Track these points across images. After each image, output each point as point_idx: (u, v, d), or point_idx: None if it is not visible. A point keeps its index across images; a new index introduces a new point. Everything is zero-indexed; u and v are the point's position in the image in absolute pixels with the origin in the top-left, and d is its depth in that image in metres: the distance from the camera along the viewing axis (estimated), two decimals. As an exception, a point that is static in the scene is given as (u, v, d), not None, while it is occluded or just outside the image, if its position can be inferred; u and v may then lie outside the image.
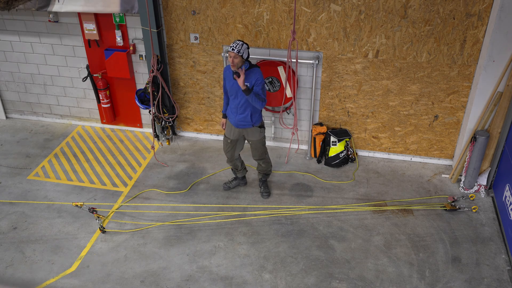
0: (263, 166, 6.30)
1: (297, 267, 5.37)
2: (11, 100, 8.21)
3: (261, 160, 6.23)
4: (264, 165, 6.29)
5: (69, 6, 6.73)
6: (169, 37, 6.92)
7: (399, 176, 6.79)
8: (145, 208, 6.27)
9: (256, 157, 6.20)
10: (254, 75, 5.55)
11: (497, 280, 5.19)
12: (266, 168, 6.33)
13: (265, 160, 6.26)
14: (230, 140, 6.02)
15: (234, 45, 5.36)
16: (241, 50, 5.35)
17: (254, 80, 5.55)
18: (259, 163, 6.30)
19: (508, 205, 5.67)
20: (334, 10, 6.16)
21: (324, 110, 6.99)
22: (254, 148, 6.10)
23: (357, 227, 5.89)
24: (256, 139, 5.97)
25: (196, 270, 5.37)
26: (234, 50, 5.34)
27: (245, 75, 5.51)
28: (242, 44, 5.38)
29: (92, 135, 7.86)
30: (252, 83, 5.55)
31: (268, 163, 6.32)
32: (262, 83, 5.59)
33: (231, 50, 5.35)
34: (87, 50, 7.32)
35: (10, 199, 6.43)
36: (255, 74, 5.55)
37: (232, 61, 5.39)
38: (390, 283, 5.16)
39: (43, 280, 5.26)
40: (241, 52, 5.35)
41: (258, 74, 5.57)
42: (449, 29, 5.98)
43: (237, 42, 5.40)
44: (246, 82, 5.55)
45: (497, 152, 6.22)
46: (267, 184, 6.53)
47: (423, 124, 6.77)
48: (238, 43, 5.38)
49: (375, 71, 6.50)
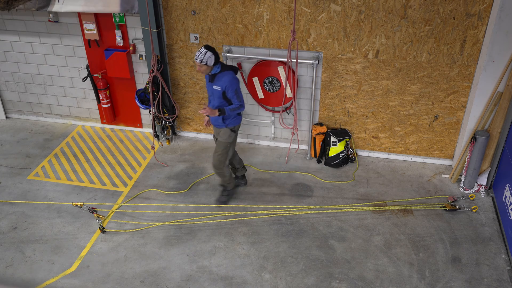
0: (219, 178, 6.02)
1: (297, 267, 5.37)
2: (11, 100, 8.21)
3: (217, 170, 5.95)
4: (220, 177, 6.03)
5: (69, 6, 6.73)
6: (169, 37, 6.92)
7: (399, 176, 6.79)
8: (145, 208, 6.27)
9: (213, 160, 5.93)
10: (225, 79, 5.46)
11: (497, 280, 5.19)
12: (221, 181, 6.13)
13: (221, 173, 5.97)
14: (216, 138, 6.03)
15: (198, 53, 5.35)
16: (204, 59, 5.33)
17: (224, 85, 5.46)
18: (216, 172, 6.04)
19: (508, 205, 5.67)
20: (334, 10, 6.16)
21: (324, 110, 6.99)
22: (215, 150, 5.91)
23: (357, 227, 5.89)
24: (221, 139, 5.82)
25: (196, 270, 5.37)
26: (197, 59, 5.36)
27: (215, 78, 5.51)
28: (206, 53, 5.33)
29: (92, 135, 7.86)
30: (223, 87, 5.48)
31: (225, 177, 6.03)
32: (234, 88, 5.47)
33: (195, 59, 5.38)
34: (87, 50, 7.32)
35: (10, 199, 6.43)
36: (226, 78, 5.46)
37: (198, 69, 5.43)
38: (390, 283, 5.16)
39: (43, 280, 5.26)
40: (204, 61, 5.34)
41: (230, 78, 5.46)
42: (449, 29, 5.98)
43: (201, 50, 5.35)
44: (217, 85, 5.51)
45: (497, 152, 6.22)
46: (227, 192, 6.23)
47: (423, 124, 6.77)
48: (202, 51, 5.34)
49: (375, 71, 6.50)
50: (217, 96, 5.59)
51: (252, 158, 7.22)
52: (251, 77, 6.83)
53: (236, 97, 5.53)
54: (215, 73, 5.49)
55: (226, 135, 5.77)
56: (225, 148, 5.84)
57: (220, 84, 5.49)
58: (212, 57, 5.37)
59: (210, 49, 5.37)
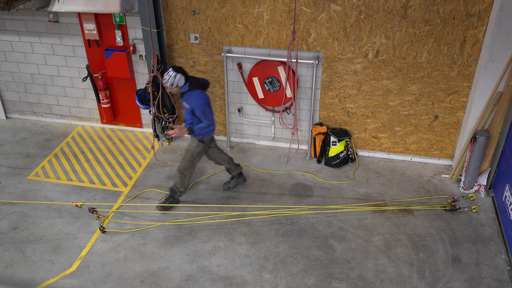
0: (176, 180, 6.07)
1: (297, 267, 5.37)
2: (11, 100, 8.21)
3: (180, 174, 5.99)
4: (178, 179, 6.05)
5: (69, 6, 6.73)
6: (169, 37, 6.92)
7: (399, 176, 6.79)
8: (145, 208, 6.27)
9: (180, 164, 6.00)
10: (192, 100, 5.58)
11: (497, 280, 5.19)
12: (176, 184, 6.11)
13: (182, 177, 6.02)
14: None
15: (167, 77, 5.45)
16: (174, 82, 5.46)
17: (192, 105, 5.59)
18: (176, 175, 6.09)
19: (508, 205, 5.67)
20: (334, 10, 6.16)
21: (324, 110, 6.99)
22: (183, 156, 5.98)
23: (357, 227, 5.89)
24: (190, 148, 5.90)
25: (196, 270, 5.37)
26: (167, 83, 5.48)
27: (184, 97, 5.63)
28: (175, 76, 5.43)
29: (92, 135, 7.86)
30: (191, 107, 5.60)
31: (183, 183, 6.06)
32: (201, 107, 5.56)
33: (164, 83, 5.50)
34: (87, 50, 7.32)
35: (10, 199, 6.43)
36: (193, 99, 5.57)
37: (169, 91, 5.60)
38: (390, 283, 5.16)
39: (43, 280, 5.26)
40: (174, 84, 5.47)
41: (196, 99, 5.57)
42: (449, 29, 5.98)
43: (170, 73, 5.45)
44: (186, 103, 5.64)
45: (497, 152, 6.22)
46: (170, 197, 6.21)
47: (423, 124, 6.77)
48: (171, 75, 5.44)
49: (375, 71, 6.50)
50: (187, 112, 5.73)
51: (252, 158, 7.22)
52: (251, 77, 6.83)
53: (204, 117, 5.61)
54: (184, 91, 5.63)
55: (194, 145, 5.87)
56: (191, 156, 5.93)
57: (188, 102, 5.64)
58: (182, 78, 5.51)
59: (178, 71, 5.48)
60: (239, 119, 7.41)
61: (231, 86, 7.11)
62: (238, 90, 7.13)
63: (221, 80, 7.07)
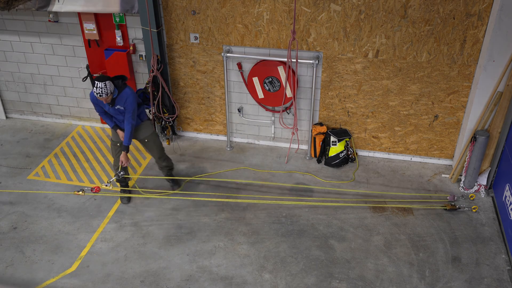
0: (164, 164, 6.34)
1: (297, 267, 5.37)
2: (11, 100, 8.21)
3: (164, 159, 6.29)
4: (164, 163, 6.33)
5: (69, 6, 6.73)
6: (169, 37, 6.92)
7: (399, 176, 6.79)
8: (145, 208, 6.27)
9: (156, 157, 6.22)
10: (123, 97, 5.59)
11: (497, 280, 5.19)
12: (168, 164, 6.40)
13: (166, 159, 6.33)
14: (119, 143, 6.04)
15: (99, 90, 5.37)
16: (109, 91, 5.42)
17: (123, 102, 5.61)
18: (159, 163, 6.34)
19: (508, 205, 5.67)
20: (334, 10, 6.16)
21: (324, 110, 6.99)
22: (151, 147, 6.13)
23: (357, 227, 5.89)
24: (149, 133, 6.02)
25: (196, 270, 5.37)
26: (102, 95, 5.41)
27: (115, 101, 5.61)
28: (105, 85, 5.37)
29: (92, 135, 7.86)
30: (122, 105, 5.63)
31: (169, 160, 6.42)
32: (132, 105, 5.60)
33: (99, 97, 5.42)
34: (87, 50, 7.32)
35: (10, 199, 6.43)
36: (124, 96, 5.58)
37: (105, 101, 5.53)
38: (390, 283, 5.16)
39: (43, 280, 5.26)
40: (109, 93, 5.43)
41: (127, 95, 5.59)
42: (449, 29, 5.98)
43: (99, 86, 5.36)
44: (118, 105, 5.65)
45: (497, 152, 6.22)
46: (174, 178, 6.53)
47: (423, 124, 6.77)
48: (101, 86, 5.37)
49: (375, 71, 6.50)
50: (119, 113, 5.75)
51: (252, 158, 7.22)
52: (251, 77, 6.83)
53: (132, 116, 5.68)
54: (115, 96, 5.61)
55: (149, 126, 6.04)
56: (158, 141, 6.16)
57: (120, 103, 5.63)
58: (112, 84, 5.48)
59: (104, 79, 5.40)
60: (239, 119, 7.41)
61: (231, 86, 7.11)
62: (238, 90, 7.13)
63: (221, 80, 7.07)
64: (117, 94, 5.59)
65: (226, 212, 6.16)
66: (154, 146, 6.15)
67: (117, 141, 6.03)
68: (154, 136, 6.13)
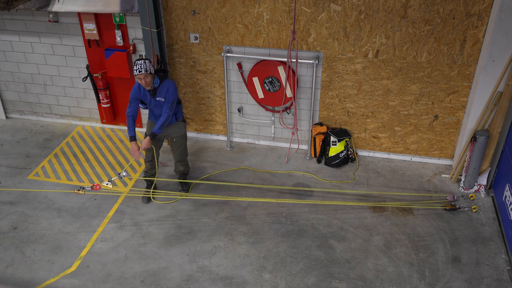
0: (181, 168, 6.39)
1: (297, 267, 5.37)
2: (11, 100, 8.21)
3: (183, 162, 6.34)
4: (182, 167, 6.38)
5: (69, 6, 6.73)
6: (169, 37, 6.92)
7: (399, 176, 6.79)
8: (145, 208, 6.27)
9: (177, 158, 6.28)
10: (165, 87, 5.63)
11: (497, 280, 5.19)
12: (184, 170, 6.44)
13: (185, 164, 6.40)
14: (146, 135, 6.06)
15: (138, 66, 5.36)
16: (148, 68, 5.39)
17: (164, 93, 5.64)
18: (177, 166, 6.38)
19: (508, 205, 5.67)
20: (334, 10, 6.16)
21: (324, 110, 6.99)
22: (176, 148, 6.16)
23: (357, 227, 5.89)
24: (180, 134, 6.06)
25: (196, 270, 5.37)
26: (141, 71, 5.37)
27: (157, 92, 5.65)
28: (145, 61, 5.38)
29: (92, 135, 7.86)
30: (163, 96, 5.66)
31: (187, 164, 6.44)
32: (173, 96, 5.64)
33: (139, 73, 5.38)
34: (87, 50, 7.32)
35: (10, 199, 6.43)
36: (166, 86, 5.63)
37: (144, 82, 5.48)
38: (390, 283, 5.17)
39: (43, 280, 5.26)
40: (148, 70, 5.40)
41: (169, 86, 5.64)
42: (449, 29, 5.98)
43: (139, 62, 5.37)
44: (159, 96, 5.67)
45: (497, 152, 6.22)
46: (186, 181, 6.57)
47: (423, 124, 6.77)
48: (140, 62, 5.37)
49: (375, 71, 6.50)
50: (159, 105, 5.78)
51: (252, 158, 7.22)
52: (251, 77, 6.83)
53: (170, 107, 5.71)
54: (157, 86, 5.63)
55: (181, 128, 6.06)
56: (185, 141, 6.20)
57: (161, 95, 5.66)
58: (151, 65, 5.47)
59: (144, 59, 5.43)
60: (239, 119, 7.41)
61: (231, 86, 7.11)
62: (238, 90, 7.13)
63: (221, 80, 7.08)
64: (159, 84, 5.61)
65: (226, 212, 6.16)
66: (179, 147, 6.17)
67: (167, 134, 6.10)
68: (183, 139, 6.15)
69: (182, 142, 6.15)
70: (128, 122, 5.85)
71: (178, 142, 6.13)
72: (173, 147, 6.21)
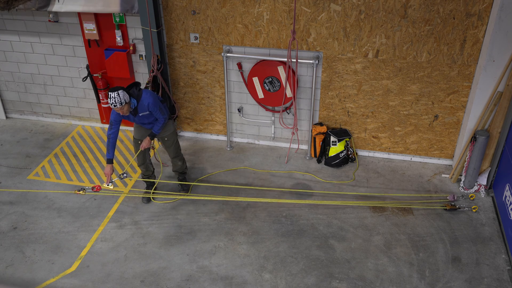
0: (179, 163, 6.43)
1: (297, 267, 5.37)
2: (11, 100, 8.21)
3: (180, 159, 6.40)
4: (180, 162, 6.42)
5: (69, 6, 6.73)
6: (169, 37, 6.92)
7: (399, 176, 6.79)
8: (145, 208, 6.27)
9: (173, 155, 6.31)
10: (144, 104, 5.62)
11: (497, 280, 5.19)
12: (183, 163, 6.47)
13: (182, 159, 6.45)
14: (141, 141, 6.08)
15: (113, 100, 5.32)
16: (122, 99, 5.36)
17: (146, 108, 5.64)
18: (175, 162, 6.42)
19: (508, 205, 5.67)
20: (334, 10, 6.16)
21: (324, 110, 6.99)
22: (169, 146, 6.20)
23: (357, 227, 5.89)
24: (169, 132, 6.08)
25: (196, 270, 5.37)
26: (116, 105, 5.36)
27: (137, 110, 5.65)
28: (118, 94, 5.33)
29: (92, 135, 7.86)
30: (146, 110, 5.67)
31: (184, 161, 6.50)
32: (156, 105, 5.67)
33: (114, 107, 5.37)
34: (87, 50, 7.32)
35: (10, 199, 6.43)
36: (145, 102, 5.61)
37: (122, 112, 5.50)
38: (390, 283, 5.17)
39: (43, 280, 5.26)
40: (123, 101, 5.38)
41: (148, 100, 5.62)
42: (449, 29, 5.98)
43: (112, 95, 5.32)
44: (142, 112, 5.68)
45: (497, 152, 6.22)
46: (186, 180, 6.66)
47: (423, 124, 6.77)
48: (114, 96, 5.32)
49: (375, 71, 6.50)
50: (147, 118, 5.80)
51: (252, 158, 7.22)
52: (251, 77, 6.83)
53: (161, 112, 5.77)
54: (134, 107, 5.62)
55: (171, 125, 6.13)
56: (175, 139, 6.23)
57: (143, 110, 5.67)
58: (126, 93, 5.43)
59: (116, 89, 5.37)
60: (239, 119, 7.41)
61: (231, 86, 7.11)
62: (238, 90, 7.13)
63: (221, 80, 7.08)
64: (137, 103, 5.61)
65: (226, 212, 6.16)
66: (172, 145, 6.22)
67: (139, 138, 6.08)
68: (174, 135, 6.20)
69: (173, 139, 6.20)
70: (108, 144, 5.73)
71: (169, 140, 6.18)
72: (166, 146, 6.24)
